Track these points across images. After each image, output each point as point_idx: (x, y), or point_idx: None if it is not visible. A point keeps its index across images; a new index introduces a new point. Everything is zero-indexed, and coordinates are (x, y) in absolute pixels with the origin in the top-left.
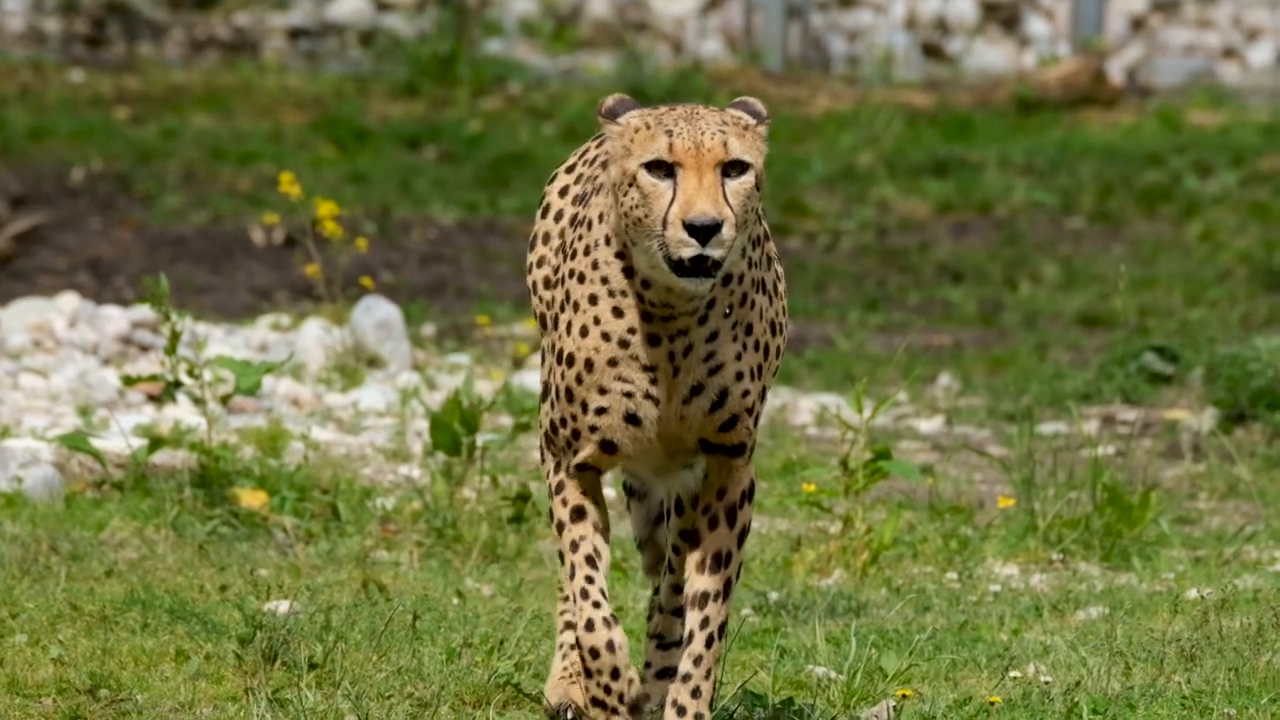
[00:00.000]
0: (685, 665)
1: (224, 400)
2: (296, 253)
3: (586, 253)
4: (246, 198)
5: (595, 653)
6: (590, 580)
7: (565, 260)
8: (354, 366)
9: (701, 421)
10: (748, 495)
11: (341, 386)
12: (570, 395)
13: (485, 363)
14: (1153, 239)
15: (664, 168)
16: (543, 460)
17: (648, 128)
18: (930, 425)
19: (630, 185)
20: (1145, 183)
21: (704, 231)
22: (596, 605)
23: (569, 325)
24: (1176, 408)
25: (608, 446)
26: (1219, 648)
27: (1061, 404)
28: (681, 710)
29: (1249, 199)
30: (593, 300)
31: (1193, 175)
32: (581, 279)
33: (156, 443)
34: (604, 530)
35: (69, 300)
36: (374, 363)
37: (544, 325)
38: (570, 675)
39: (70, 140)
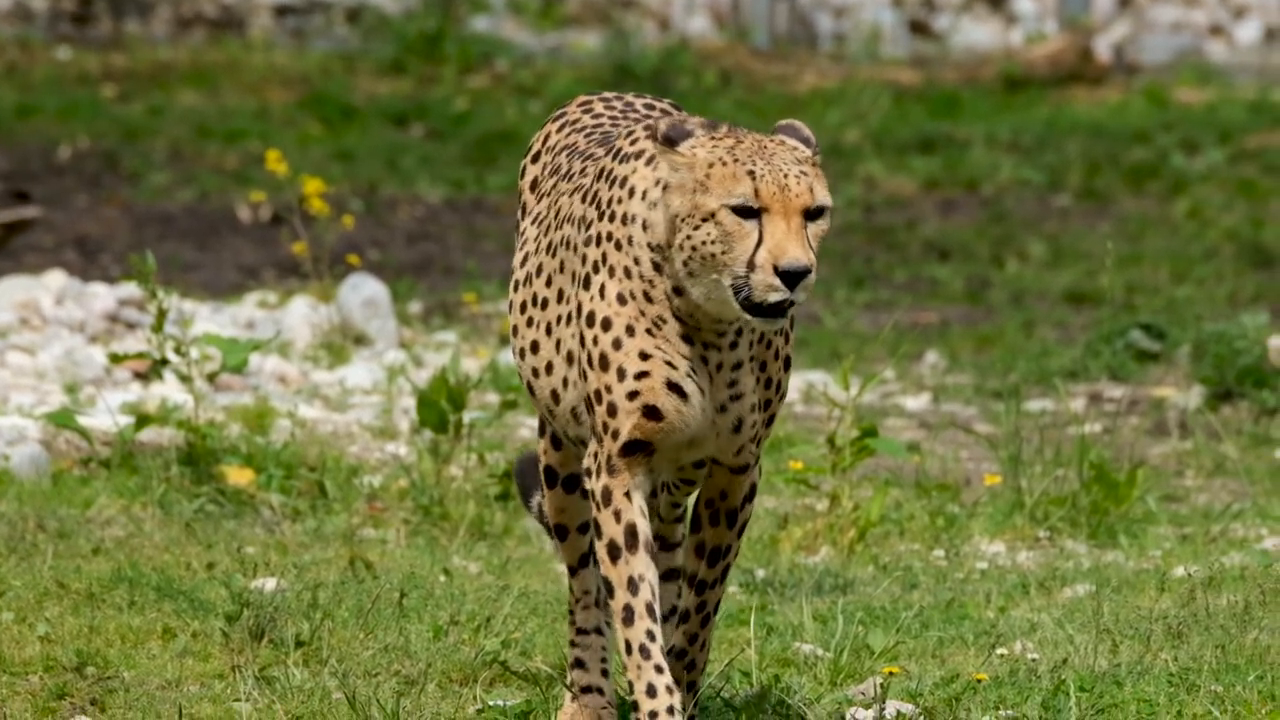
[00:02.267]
0: (679, 640)
1: (211, 378)
2: (283, 230)
3: (625, 222)
4: (233, 175)
5: (655, 715)
6: (651, 637)
7: (598, 217)
8: (341, 344)
9: (727, 439)
10: (749, 498)
11: (328, 364)
12: (605, 362)
13: (472, 340)
14: (1140, 216)
15: (747, 211)
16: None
17: (723, 164)
18: (917, 403)
19: (704, 221)
20: (1132, 160)
21: (795, 278)
22: (659, 670)
23: (603, 288)
24: (1163, 385)
25: (652, 413)
26: (1206, 625)
27: (1048, 381)
28: (676, 683)
29: (1236, 176)
30: (628, 273)
31: (1180, 153)
32: (619, 246)
33: (143, 420)
34: (653, 550)
35: (56, 278)
36: (361, 340)
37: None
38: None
39: (57, 118)
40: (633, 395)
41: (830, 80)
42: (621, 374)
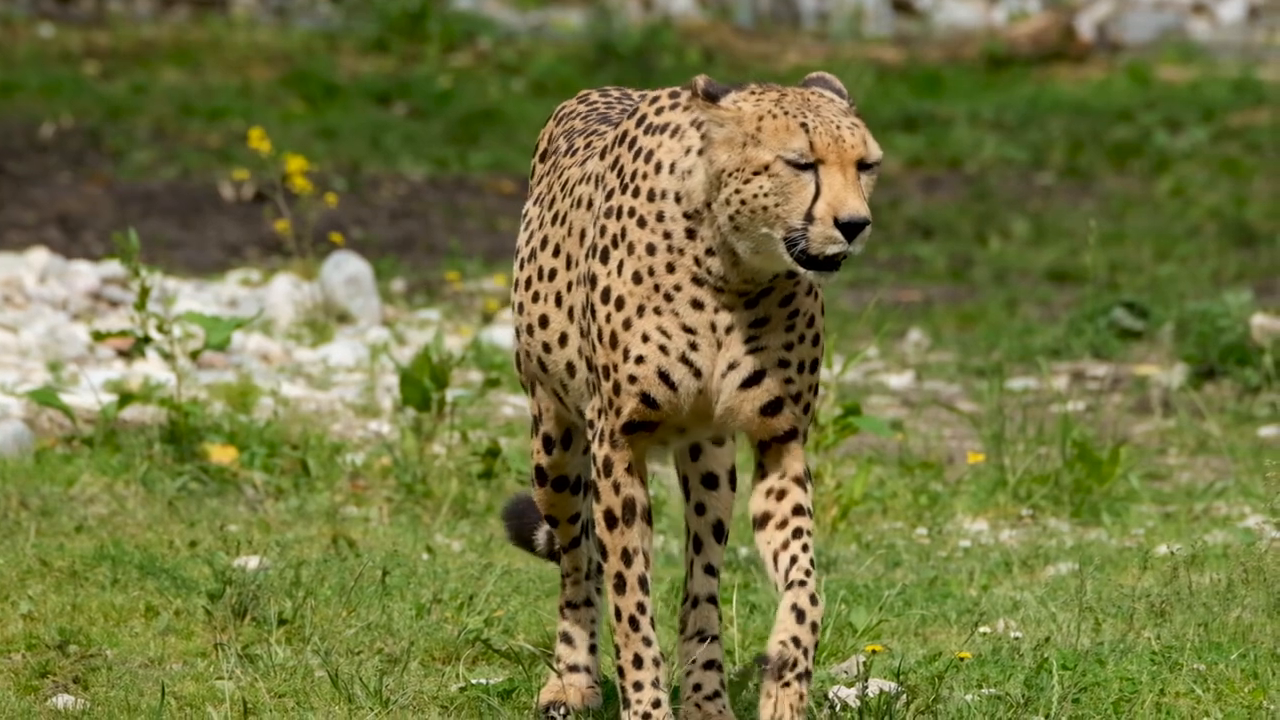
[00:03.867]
0: (797, 574)
1: (194, 356)
2: (266, 208)
3: (651, 199)
4: (216, 153)
5: (640, 685)
6: (641, 609)
7: (620, 188)
8: (324, 322)
9: (736, 401)
10: (809, 475)
11: (311, 342)
12: (615, 340)
13: (455, 318)
14: (1122, 195)
15: (803, 162)
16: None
17: (774, 117)
18: (900, 381)
19: (756, 174)
20: (1115, 138)
21: (854, 229)
22: (648, 643)
23: (620, 265)
24: (1146, 363)
25: (648, 400)
26: (1188, 603)
27: (1031, 359)
28: (802, 611)
29: (1219, 155)
30: (650, 250)
31: (1163, 131)
32: (642, 224)
33: (126, 398)
34: (650, 520)
35: (39, 256)
36: (344, 318)
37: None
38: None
39: (40, 95)
40: (633, 379)
41: (813, 58)
42: (626, 355)
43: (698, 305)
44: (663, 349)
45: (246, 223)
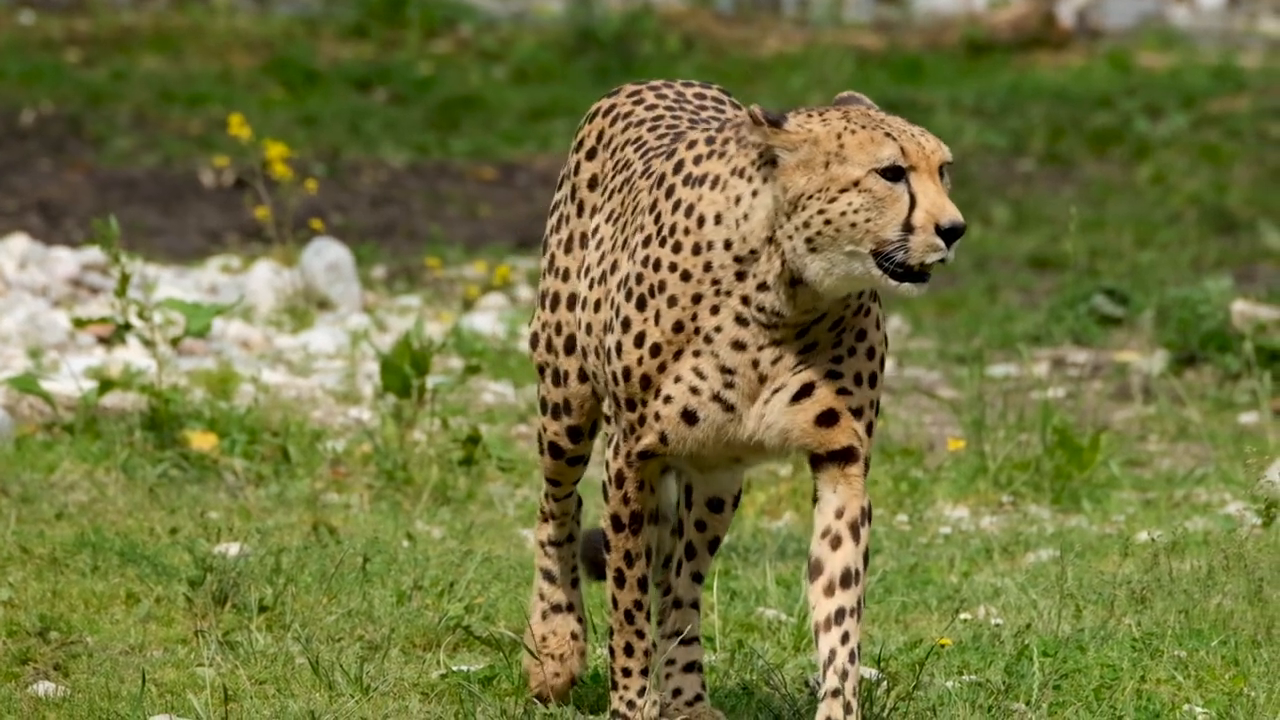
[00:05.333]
0: (832, 681)
1: (174, 343)
2: (246, 195)
3: (696, 251)
4: (196, 140)
5: (628, 672)
6: (638, 606)
7: (660, 244)
8: (304, 309)
9: (786, 417)
10: (867, 513)
11: (291, 329)
12: (646, 381)
13: (435, 305)
14: (1103, 181)
15: (894, 173)
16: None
17: (853, 132)
18: None
19: (843, 192)
20: (1095, 125)
21: (955, 235)
22: (640, 635)
23: (658, 315)
24: (1127, 350)
25: (664, 439)
26: (1169, 590)
27: (1012, 346)
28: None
29: (1199, 141)
30: (696, 299)
31: (1143, 117)
32: (686, 277)
33: (107, 385)
34: (656, 521)
35: (19, 242)
36: (324, 305)
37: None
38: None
39: (20, 82)
40: (657, 417)
41: (793, 45)
42: (657, 394)
43: (739, 346)
44: (694, 390)
45: (227, 209)
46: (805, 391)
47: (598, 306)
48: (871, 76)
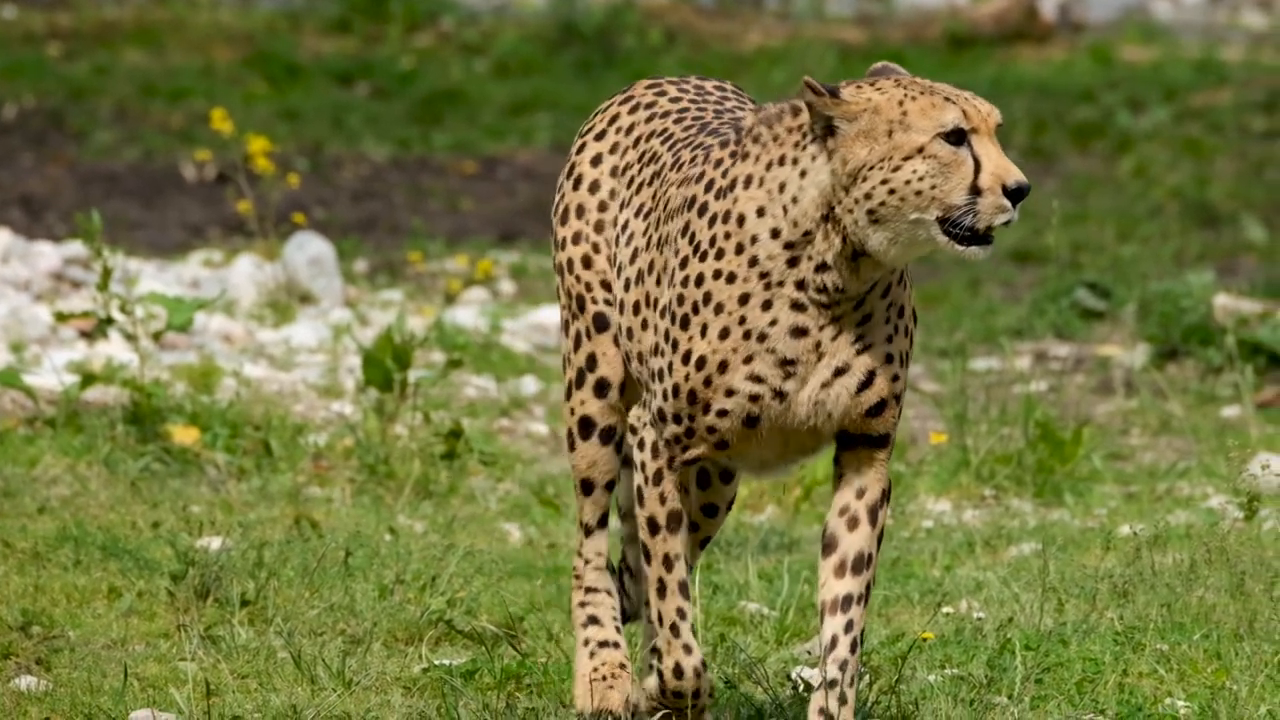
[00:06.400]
0: (831, 671)
1: (156, 337)
2: (228, 189)
3: (739, 250)
4: (178, 134)
5: (680, 695)
6: (682, 615)
7: (699, 259)
8: (286, 303)
9: (846, 405)
10: (887, 495)
11: (274, 323)
12: (694, 397)
13: (417, 299)
14: (1085, 175)
15: (957, 136)
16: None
17: (914, 99)
18: None
19: (907, 159)
20: (1078, 119)
21: (1021, 195)
22: (688, 650)
23: (704, 328)
24: (1109, 343)
25: (722, 445)
26: (1151, 584)
27: (994, 340)
28: (830, 717)
29: (1181, 135)
30: (743, 300)
31: (1125, 111)
32: (731, 279)
33: (89, 379)
34: (687, 544)
35: (1, 236)
36: (306, 299)
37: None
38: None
39: (2, 77)
40: (711, 430)
41: (775, 39)
42: (706, 409)
43: (800, 333)
44: (753, 397)
45: (209, 203)
46: (869, 381)
47: (636, 309)
48: (854, 70)
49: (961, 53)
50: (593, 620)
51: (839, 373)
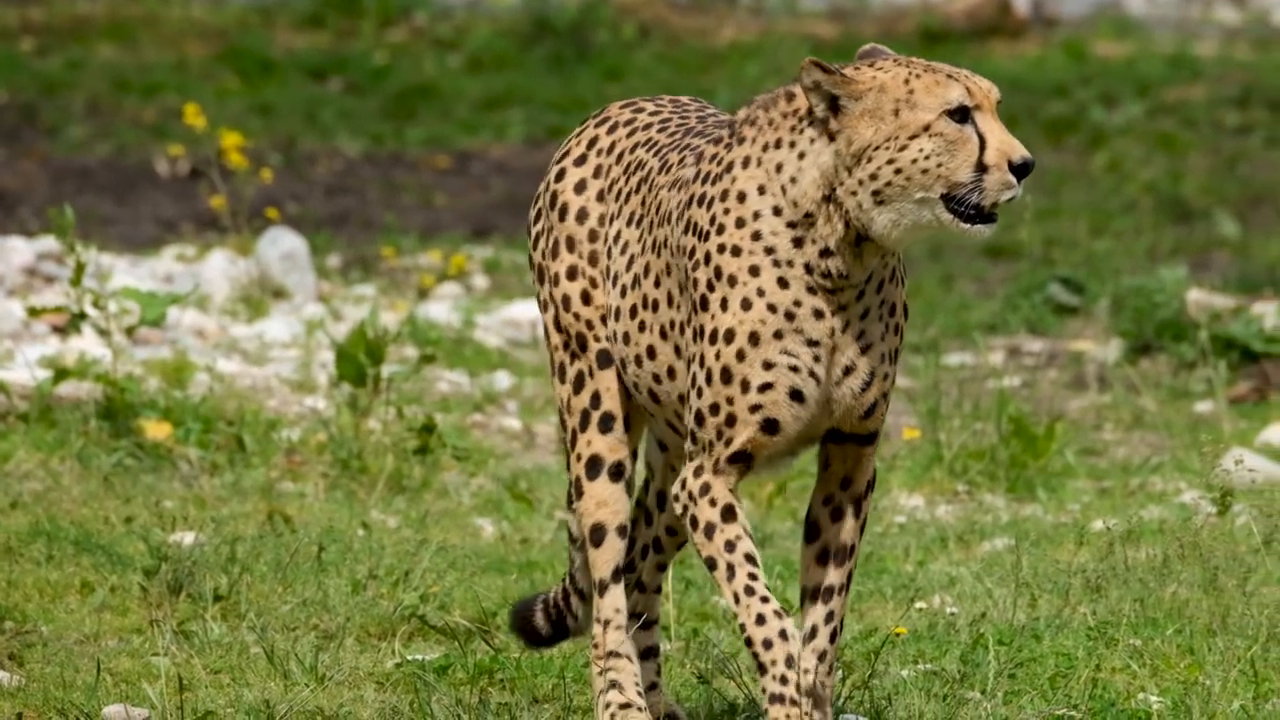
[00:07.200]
0: (809, 660)
1: (129, 332)
2: (201, 184)
3: (740, 225)
4: (151, 129)
5: (769, 644)
6: (754, 578)
7: (700, 240)
8: (259, 298)
9: (850, 405)
10: (871, 486)
11: (247, 318)
12: (728, 375)
13: (390, 294)
14: (1058, 170)
15: (962, 114)
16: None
17: (918, 77)
18: None
19: (913, 138)
20: (1051, 114)
21: (1026, 170)
22: (765, 600)
23: (724, 301)
24: (1082, 339)
25: (770, 426)
26: (1124, 579)
27: (967, 335)
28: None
29: (1155, 130)
30: (754, 271)
31: (1098, 106)
32: (737, 252)
33: (61, 374)
34: (751, 531)
35: None
36: (279, 294)
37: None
38: None
39: None
40: (755, 408)
41: (749, 34)
42: (745, 386)
43: (819, 315)
44: (794, 369)
45: (182, 198)
46: (870, 382)
47: (634, 313)
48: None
49: (935, 48)
50: (613, 685)
51: (847, 371)
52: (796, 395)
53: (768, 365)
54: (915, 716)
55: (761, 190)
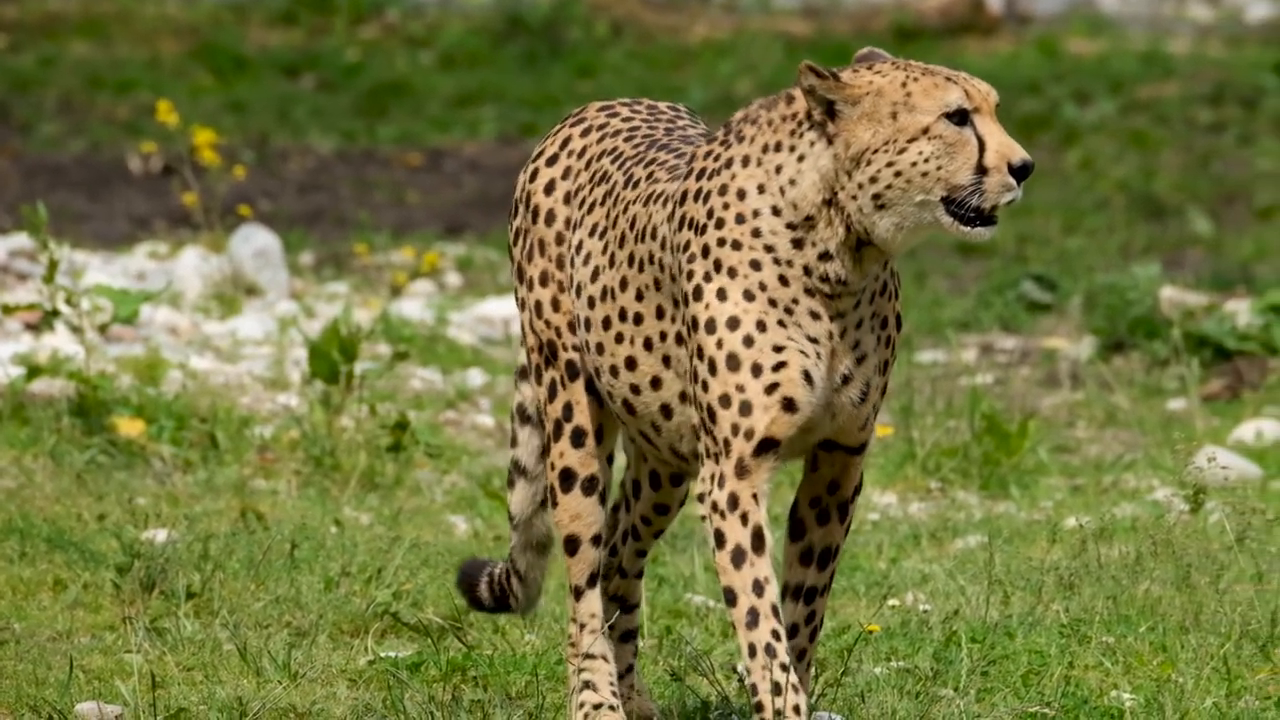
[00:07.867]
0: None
1: (102, 329)
2: (174, 181)
3: (740, 221)
4: (124, 126)
5: (780, 715)
6: (778, 636)
7: (696, 233)
8: (232, 295)
9: (850, 414)
10: (858, 491)
11: (219, 315)
12: (735, 362)
13: (363, 291)
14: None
15: (960, 116)
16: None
17: (916, 80)
18: None
19: (912, 141)
20: (1024, 111)
21: (1026, 173)
22: (785, 668)
23: (721, 291)
24: (1055, 336)
25: (790, 405)
26: (1097, 576)
27: (940, 332)
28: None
29: (1127, 127)
30: (755, 266)
31: (1071, 103)
32: (737, 246)
33: (34, 371)
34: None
35: None
36: (252, 291)
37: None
38: None
39: None
40: (771, 388)
41: (721, 31)
42: (757, 370)
43: (815, 316)
44: (804, 353)
45: (154, 195)
46: (866, 394)
47: (607, 324)
48: (800, 63)
49: (908, 45)
50: (587, 685)
51: (845, 380)
52: (808, 378)
53: (778, 348)
54: (888, 714)
55: (761, 189)
